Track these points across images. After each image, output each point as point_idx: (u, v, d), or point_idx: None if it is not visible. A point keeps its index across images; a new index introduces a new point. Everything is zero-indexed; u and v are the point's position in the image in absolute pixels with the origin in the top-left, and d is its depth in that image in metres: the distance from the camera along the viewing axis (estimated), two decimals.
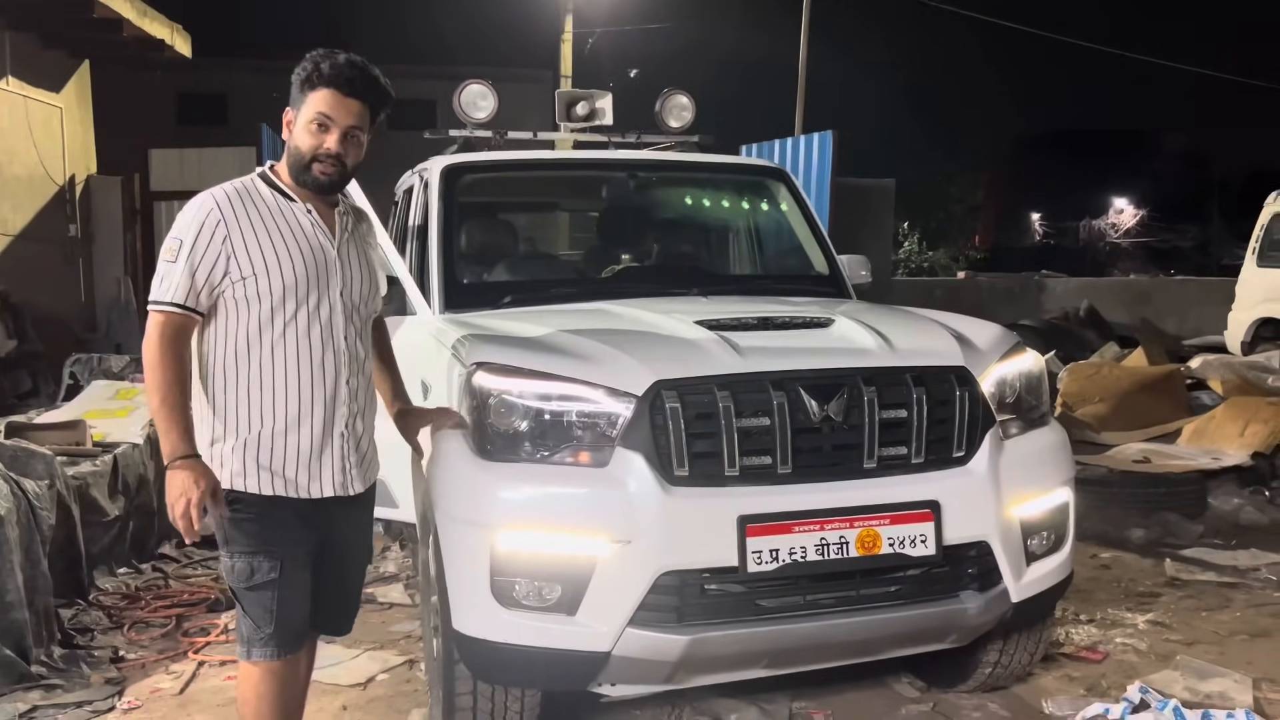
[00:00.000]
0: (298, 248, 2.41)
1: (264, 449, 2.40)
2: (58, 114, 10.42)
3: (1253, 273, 10.81)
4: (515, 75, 21.64)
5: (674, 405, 2.64)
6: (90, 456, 4.67)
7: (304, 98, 2.41)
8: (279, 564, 2.42)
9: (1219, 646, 3.87)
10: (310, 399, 2.42)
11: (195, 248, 2.33)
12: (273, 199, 2.44)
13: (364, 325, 2.56)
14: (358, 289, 2.52)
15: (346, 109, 2.40)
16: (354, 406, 2.50)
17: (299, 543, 2.46)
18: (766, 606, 2.66)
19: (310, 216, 2.45)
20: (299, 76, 2.42)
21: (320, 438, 2.44)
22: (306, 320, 2.41)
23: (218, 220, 2.35)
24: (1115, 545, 5.20)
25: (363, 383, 2.54)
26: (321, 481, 2.47)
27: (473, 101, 4.60)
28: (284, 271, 2.38)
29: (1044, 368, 3.27)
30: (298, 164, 2.43)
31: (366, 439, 2.58)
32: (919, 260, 28.76)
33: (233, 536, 2.43)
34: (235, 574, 2.44)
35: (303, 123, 2.41)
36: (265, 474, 2.41)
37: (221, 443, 2.41)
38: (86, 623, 4.12)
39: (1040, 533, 3.02)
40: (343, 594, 2.69)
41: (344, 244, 2.51)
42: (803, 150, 8.77)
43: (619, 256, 4.44)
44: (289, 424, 2.41)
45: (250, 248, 2.36)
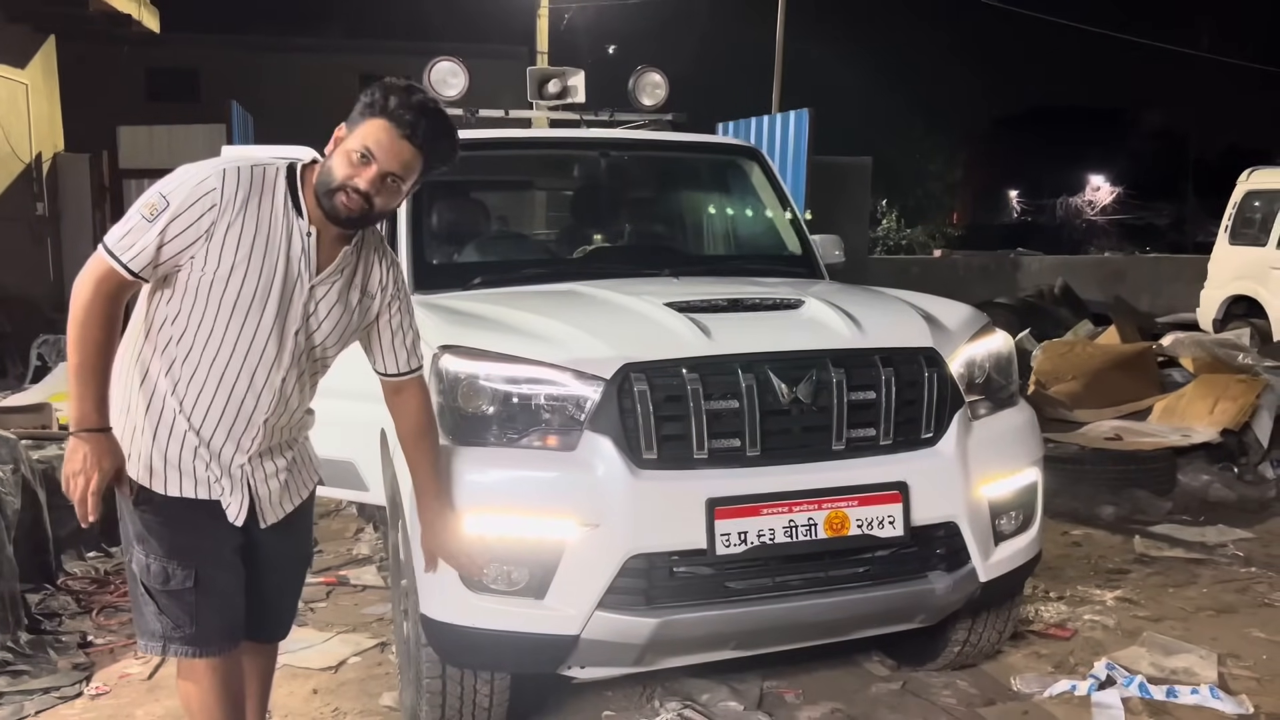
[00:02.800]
0: (273, 267, 2.15)
1: (171, 452, 2.19)
2: (23, 90, 10.23)
3: (1225, 250, 10.89)
4: (491, 51, 21.44)
5: (642, 388, 2.63)
6: (56, 440, 4.61)
7: (360, 121, 2.13)
8: (193, 572, 2.22)
9: (1185, 623, 3.92)
10: (232, 416, 2.20)
11: (177, 220, 2.08)
12: (280, 205, 2.17)
13: (313, 372, 2.32)
14: (320, 335, 2.25)
15: (396, 152, 2.11)
16: (265, 441, 2.26)
17: (217, 546, 2.26)
18: (735, 588, 2.66)
19: (306, 242, 2.18)
20: (364, 99, 2.15)
21: (225, 457, 2.23)
22: (247, 345, 2.17)
23: (213, 205, 2.10)
24: (1086, 522, 5.25)
25: (287, 425, 2.31)
26: (227, 506, 2.26)
27: (443, 79, 4.54)
28: (245, 283, 2.13)
29: (1013, 348, 3.28)
30: (324, 185, 2.15)
31: (288, 473, 2.34)
32: (896, 238, 28.81)
33: (144, 536, 2.23)
34: (150, 575, 2.23)
35: (346, 147, 2.13)
36: (174, 473, 2.20)
37: (139, 434, 2.19)
38: (54, 607, 4.08)
39: (1009, 512, 3.04)
40: (262, 601, 2.43)
41: (326, 281, 2.23)
42: (779, 128, 8.74)
43: (591, 236, 4.41)
44: (202, 434, 2.19)
45: (227, 246, 2.11)
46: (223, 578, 2.28)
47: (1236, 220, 10.80)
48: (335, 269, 2.23)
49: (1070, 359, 7.46)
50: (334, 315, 2.26)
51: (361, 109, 2.14)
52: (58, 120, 10.93)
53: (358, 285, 2.29)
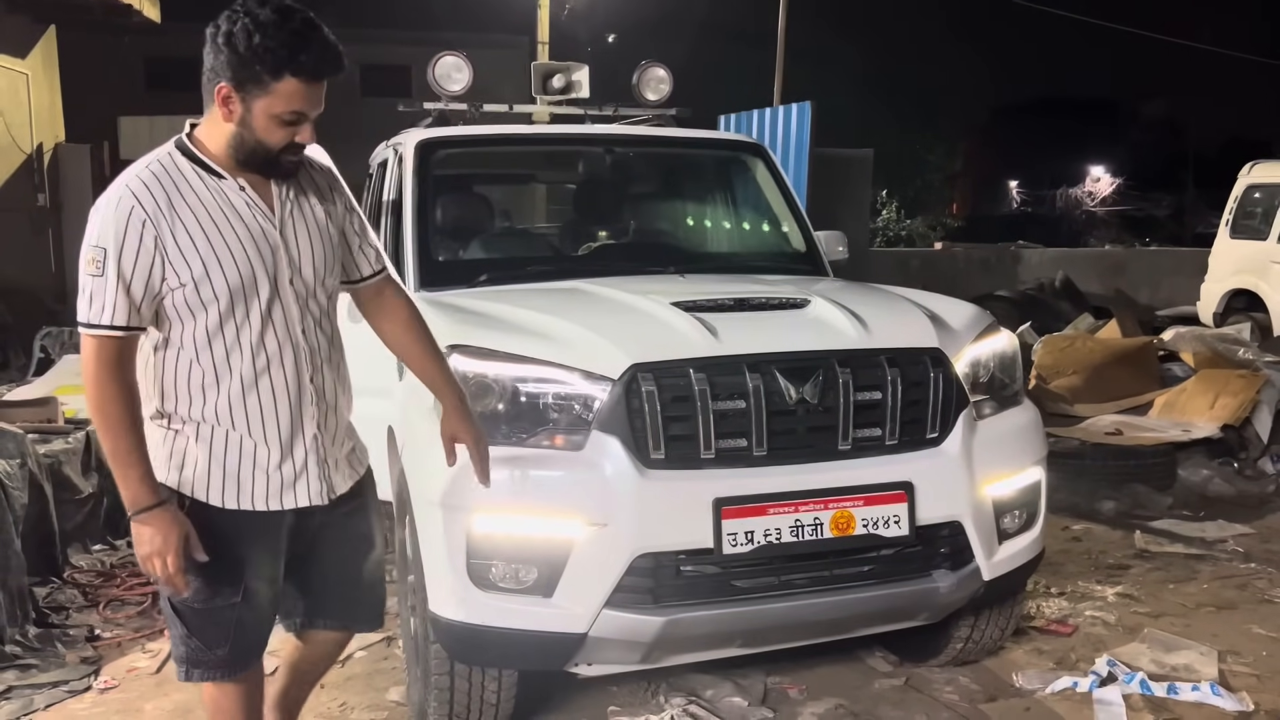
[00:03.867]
0: (237, 239, 2.06)
1: (230, 458, 2.12)
2: (24, 80, 10.21)
3: (1225, 244, 10.89)
4: (492, 41, 21.39)
5: (650, 388, 2.64)
6: (62, 434, 4.63)
7: (268, 85, 1.99)
8: (242, 586, 2.16)
9: (1185, 619, 3.94)
10: (273, 403, 2.13)
11: (124, 256, 1.98)
12: (199, 179, 2.06)
13: (326, 308, 2.23)
14: (310, 269, 2.17)
15: (318, 96, 2.05)
16: (323, 405, 2.21)
17: (268, 561, 2.21)
18: (741, 587, 2.68)
19: (245, 194, 2.09)
20: (253, 50, 1.96)
21: (289, 445, 2.16)
22: (260, 321, 2.10)
23: (143, 220, 1.99)
24: (1086, 517, 5.28)
25: (330, 374, 2.24)
26: (295, 492, 2.19)
27: (447, 74, 4.55)
28: (226, 272, 2.04)
29: (1017, 347, 3.29)
30: (259, 155, 2.06)
31: (343, 435, 2.30)
32: (896, 229, 28.81)
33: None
34: (192, 593, 2.13)
35: (268, 114, 2.02)
36: (231, 486, 2.13)
37: (184, 449, 2.12)
38: (61, 601, 4.10)
39: (1012, 511, 3.06)
40: (351, 586, 2.39)
41: (287, 219, 2.15)
42: (781, 121, 8.73)
43: (595, 232, 4.42)
44: (253, 432, 2.13)
45: (185, 250, 2.01)
46: (265, 593, 2.22)
47: (1237, 214, 10.80)
48: (282, 202, 2.15)
49: (1071, 353, 7.48)
50: (312, 241, 2.19)
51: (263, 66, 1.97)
52: (58, 111, 10.91)
53: (313, 202, 2.21)
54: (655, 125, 4.71)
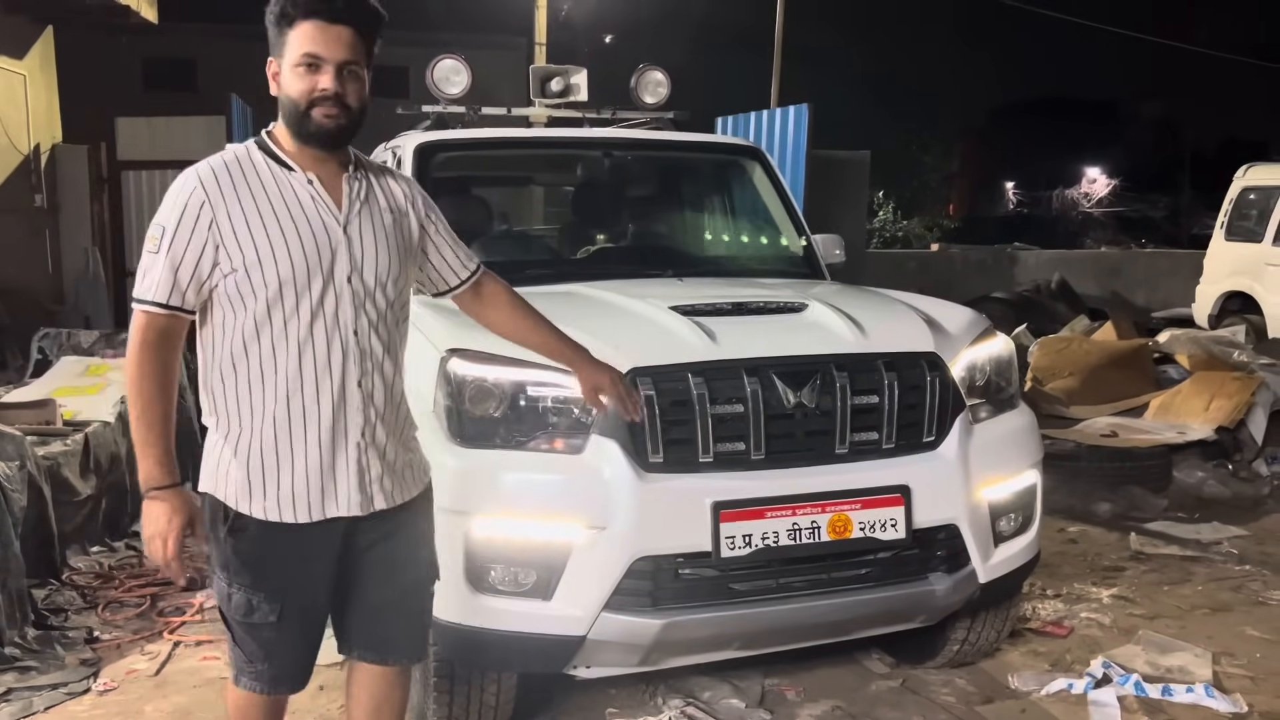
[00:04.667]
0: (294, 230, 2.04)
1: (268, 465, 2.07)
2: (21, 81, 10.19)
3: (1221, 246, 10.93)
4: (489, 42, 21.40)
5: (649, 392, 2.66)
6: (61, 436, 4.63)
7: (284, 39, 2.03)
8: (280, 606, 2.11)
9: (1180, 621, 3.96)
10: (316, 405, 2.07)
11: (178, 236, 2.01)
12: (268, 170, 2.08)
13: (384, 315, 2.15)
14: (371, 271, 2.11)
15: (336, 39, 2.02)
16: (370, 412, 2.12)
17: (308, 577, 2.15)
18: (739, 590, 2.70)
19: (312, 188, 2.08)
20: (272, 14, 2.04)
21: (330, 448, 2.09)
22: (309, 314, 2.05)
23: (201, 202, 2.01)
24: (1082, 519, 5.30)
25: (382, 384, 2.15)
26: (337, 499, 2.11)
27: (445, 77, 4.56)
28: (278, 260, 2.02)
29: (1013, 351, 3.31)
30: (294, 116, 2.05)
31: (395, 448, 2.19)
32: (893, 229, 28.84)
33: (232, 564, 2.11)
34: (231, 605, 2.13)
35: (289, 68, 2.04)
36: (270, 497, 2.07)
37: (228, 459, 2.09)
38: (60, 603, 4.11)
39: (1008, 514, 3.08)
40: (387, 613, 2.27)
41: (354, 217, 2.12)
42: (778, 123, 8.74)
43: (594, 235, 4.43)
44: (294, 435, 2.07)
45: (240, 235, 2.02)
46: (307, 615, 2.18)
47: (1233, 216, 10.83)
48: (351, 200, 2.13)
49: (1067, 355, 7.50)
50: (377, 244, 2.14)
51: (276, 25, 2.05)
52: (56, 111, 10.89)
53: (384, 207, 2.18)
54: (653, 128, 4.73)
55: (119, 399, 5.18)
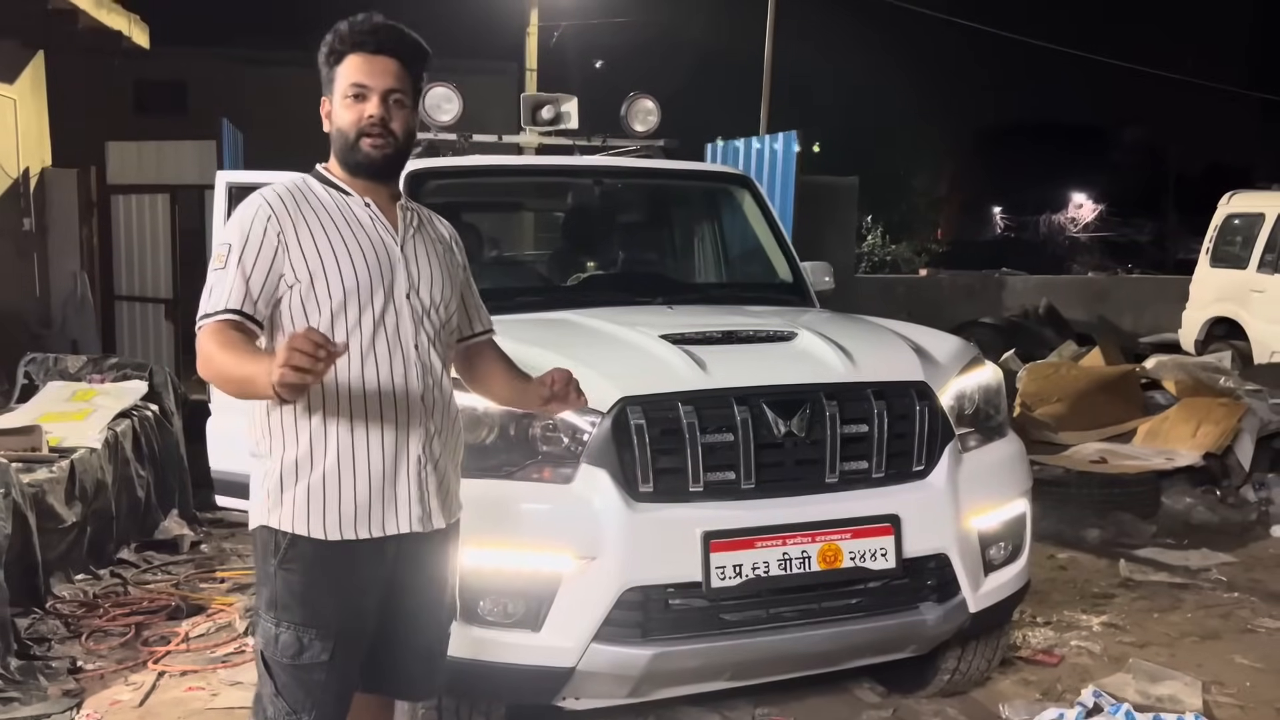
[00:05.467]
0: (357, 245, 2.10)
1: (330, 482, 2.06)
2: (11, 105, 10.19)
3: (1206, 272, 11.01)
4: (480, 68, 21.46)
5: (639, 422, 2.66)
6: (46, 463, 4.59)
7: (333, 75, 2.14)
8: (332, 644, 2.06)
9: (1170, 649, 3.96)
10: (380, 416, 2.08)
11: (247, 249, 2.04)
12: (327, 195, 2.16)
13: (439, 333, 2.20)
14: (427, 290, 2.18)
15: (381, 69, 2.11)
16: (431, 426, 2.14)
17: (361, 608, 2.12)
18: (730, 620, 2.69)
19: (369, 210, 2.15)
20: (323, 54, 2.15)
21: (393, 461, 2.10)
22: (371, 327, 2.09)
23: (268, 216, 2.07)
24: (1072, 545, 5.31)
25: (440, 400, 2.18)
26: (397, 513, 2.11)
27: (437, 104, 4.58)
28: (343, 272, 2.07)
29: (1001, 380, 3.33)
30: (344, 147, 2.14)
31: (447, 465, 2.21)
32: (881, 253, 28.98)
33: (281, 599, 2.06)
34: (279, 646, 2.06)
35: (339, 100, 2.13)
36: (332, 513, 2.06)
37: (289, 483, 2.07)
38: (43, 632, 4.07)
39: (998, 543, 3.08)
40: (411, 651, 2.26)
41: (409, 240, 2.19)
42: (767, 149, 8.79)
43: (584, 262, 4.45)
44: (356, 448, 2.06)
45: (305, 247, 2.07)
46: (354, 653, 2.13)
47: (1218, 242, 10.93)
48: (405, 225, 2.20)
49: (1055, 381, 7.53)
50: (433, 266, 2.21)
51: (326, 64, 2.15)
52: (45, 135, 10.87)
53: (434, 237, 2.26)
54: (643, 156, 4.75)
55: (105, 424, 5.15)
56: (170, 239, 10.21)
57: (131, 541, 5.17)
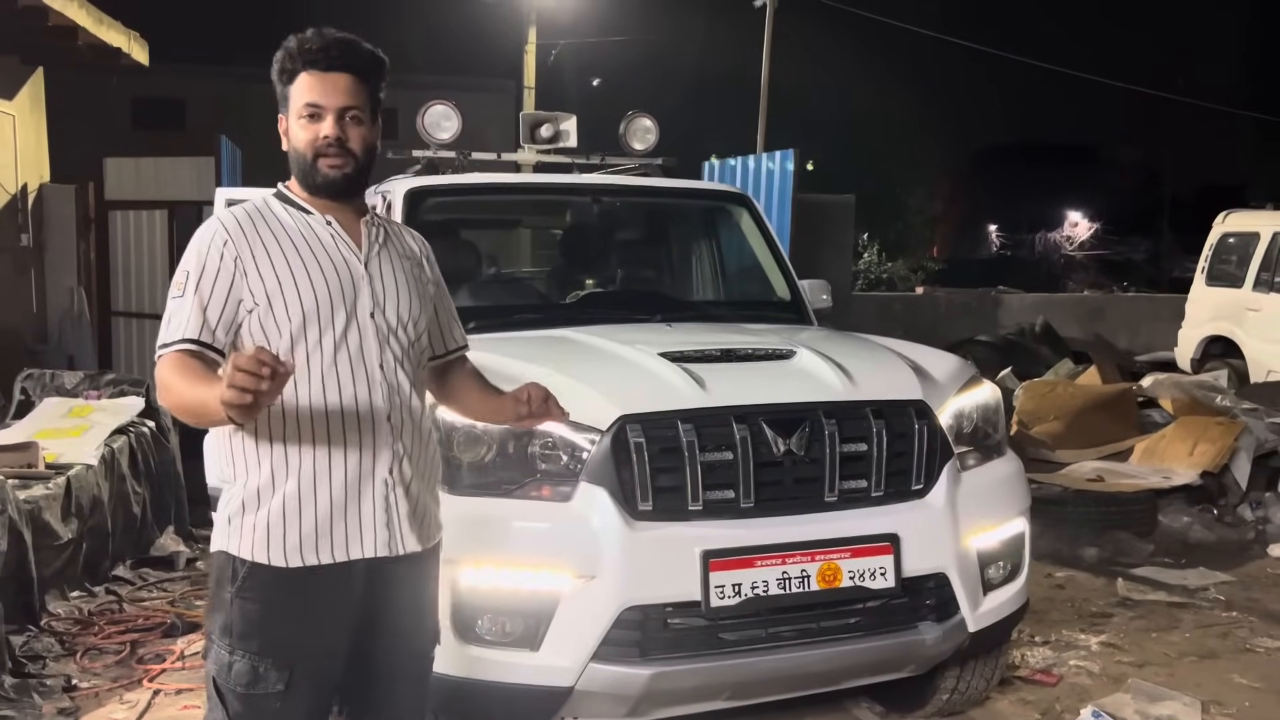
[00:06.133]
0: (316, 265, 2.04)
1: (290, 506, 1.98)
2: (10, 121, 10.20)
3: (1202, 291, 11.04)
4: (478, 85, 21.60)
5: (638, 440, 2.66)
6: (43, 479, 4.58)
7: (287, 94, 2.07)
8: (289, 673, 1.97)
9: (1169, 668, 3.96)
10: (343, 438, 2.00)
11: (204, 276, 1.98)
12: (287, 214, 2.09)
13: (407, 352, 2.11)
14: (394, 308, 2.09)
15: (334, 87, 2.03)
16: (399, 447, 2.06)
17: (322, 637, 2.02)
18: (729, 640, 2.69)
19: (331, 228, 2.08)
20: (275, 72, 2.08)
21: (357, 483, 2.02)
22: (333, 348, 2.01)
23: (224, 240, 2.01)
24: (1069, 564, 5.30)
25: (410, 421, 2.09)
26: (361, 536, 2.02)
27: (436, 122, 4.59)
28: (301, 294, 2.00)
29: (1000, 399, 3.33)
30: (302, 168, 2.08)
31: (420, 488, 2.12)
32: (878, 271, 29.06)
33: (236, 627, 1.98)
34: (233, 674, 1.98)
35: (294, 120, 2.07)
36: (292, 536, 1.98)
37: (251, 509, 2.00)
38: (38, 650, 4.04)
39: (997, 562, 3.08)
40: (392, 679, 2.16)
41: (374, 257, 2.11)
42: (764, 168, 8.83)
43: (582, 280, 4.46)
44: (318, 471, 1.99)
45: (263, 270, 2.00)
46: (313, 687, 2.04)
47: (1213, 261, 10.96)
48: (370, 242, 2.12)
49: (1052, 399, 7.54)
50: (399, 284, 2.12)
51: (280, 82, 2.08)
52: (44, 151, 10.89)
53: (401, 254, 2.18)
54: (641, 174, 4.77)
55: (101, 441, 5.14)
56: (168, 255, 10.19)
57: (127, 558, 5.15)
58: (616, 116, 4.83)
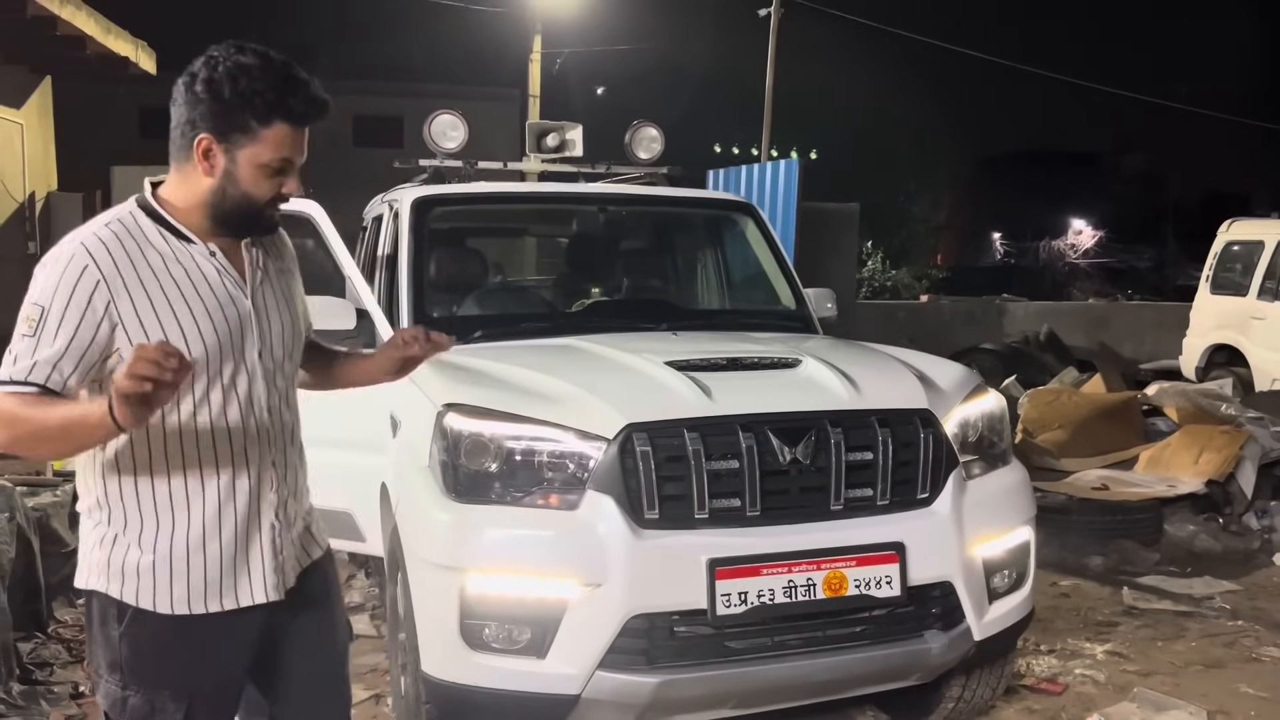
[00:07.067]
0: (204, 309, 1.85)
1: (177, 560, 1.87)
2: (18, 130, 10.27)
3: (1206, 299, 11.03)
4: (482, 94, 21.65)
5: (644, 448, 2.67)
6: (50, 486, 4.60)
7: (251, 131, 1.82)
8: (186, 704, 1.89)
9: (1174, 678, 3.95)
10: (232, 492, 1.90)
11: (65, 322, 1.75)
12: (163, 242, 1.85)
13: (290, 382, 2.04)
14: (280, 343, 1.98)
15: (304, 142, 1.89)
16: (284, 490, 1.98)
17: (220, 666, 1.95)
18: (735, 648, 2.69)
19: (215, 260, 1.88)
20: (241, 98, 1.80)
21: (245, 535, 1.92)
22: (220, 398, 1.87)
23: (96, 281, 1.76)
24: (1074, 573, 5.29)
25: (293, 456, 2.03)
26: (252, 586, 1.93)
27: (443, 131, 4.62)
28: (190, 345, 1.81)
29: (1005, 408, 3.34)
30: (241, 212, 1.87)
31: (302, 520, 2.07)
32: (882, 279, 29.07)
33: (128, 664, 1.87)
34: (128, 710, 1.87)
35: (255, 164, 1.84)
36: (180, 588, 1.87)
37: (120, 552, 1.86)
38: (46, 657, 4.05)
39: (1002, 571, 3.08)
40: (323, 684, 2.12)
41: (259, 288, 1.95)
42: (769, 176, 8.86)
43: (588, 289, 4.48)
44: (207, 527, 1.88)
45: (145, 318, 1.79)
46: (220, 709, 1.98)
47: (1217, 269, 10.95)
48: (253, 269, 1.95)
49: (1056, 407, 7.54)
50: (281, 314, 2.00)
51: (243, 114, 1.81)
52: (52, 159, 10.96)
53: (278, 270, 2.03)
54: (647, 183, 4.79)
55: None
56: None
57: None
58: (620, 125, 4.85)
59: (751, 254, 4.51)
